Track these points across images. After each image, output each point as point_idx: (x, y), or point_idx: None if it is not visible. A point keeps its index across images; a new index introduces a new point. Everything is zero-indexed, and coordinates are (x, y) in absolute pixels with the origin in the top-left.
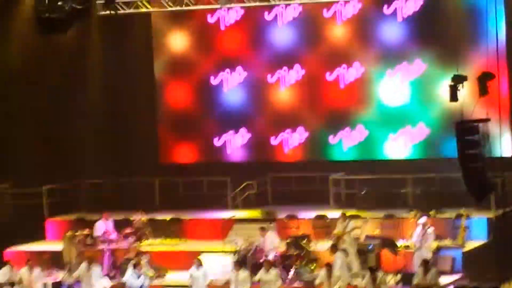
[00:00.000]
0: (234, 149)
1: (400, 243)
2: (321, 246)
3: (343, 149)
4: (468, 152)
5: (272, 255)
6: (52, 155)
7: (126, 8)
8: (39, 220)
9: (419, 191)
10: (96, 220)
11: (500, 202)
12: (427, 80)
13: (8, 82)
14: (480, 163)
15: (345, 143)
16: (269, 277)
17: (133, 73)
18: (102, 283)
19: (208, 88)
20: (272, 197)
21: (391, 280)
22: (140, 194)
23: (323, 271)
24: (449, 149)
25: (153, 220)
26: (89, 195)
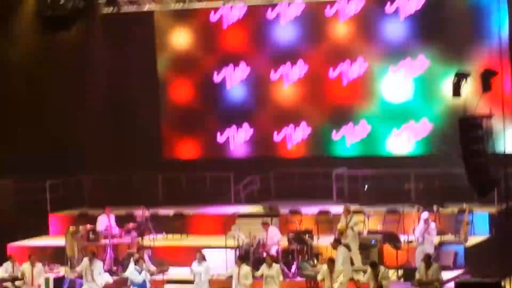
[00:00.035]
0: (237, 144)
1: (402, 238)
2: (323, 241)
3: (346, 145)
4: (471, 148)
5: (274, 250)
6: (55, 151)
7: (128, 6)
8: (41, 215)
9: (421, 186)
10: (98, 215)
11: (502, 198)
12: (431, 76)
13: (11, 79)
14: (483, 159)
15: (348, 138)
16: (271, 272)
17: (136, 70)
18: (104, 278)
19: (211, 84)
20: (275, 192)
21: (393, 275)
22: (143, 190)
23: (324, 266)
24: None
25: (156, 216)
26: (91, 190)
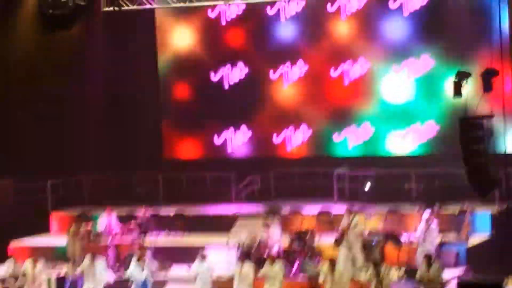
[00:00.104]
0: (238, 144)
1: (403, 238)
2: (324, 241)
3: (348, 147)
4: (472, 148)
5: (275, 250)
6: (56, 150)
7: (129, 5)
8: (43, 215)
9: (422, 186)
10: (99, 214)
11: (503, 198)
12: (433, 76)
13: (12, 78)
14: (484, 159)
15: (351, 141)
16: (273, 271)
17: (136, 69)
18: (106, 277)
19: (212, 84)
20: (275, 192)
21: (394, 274)
22: (144, 189)
23: (325, 266)
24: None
25: (157, 215)
26: (93, 190)
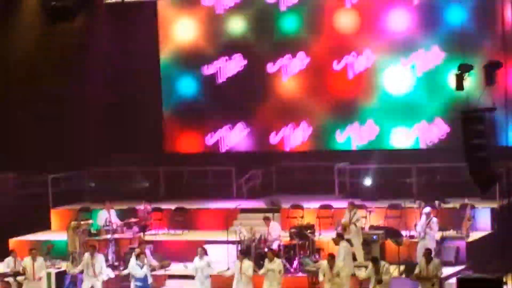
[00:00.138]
0: (239, 138)
1: (404, 233)
2: (325, 236)
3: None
4: (474, 141)
5: (276, 245)
6: (57, 145)
7: None
8: (43, 210)
9: (423, 181)
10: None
11: (504, 192)
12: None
13: (14, 71)
14: (486, 153)
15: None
16: (272, 266)
17: (138, 61)
18: (106, 273)
19: (213, 77)
20: (276, 186)
21: (394, 270)
22: (145, 184)
23: (324, 262)
24: None
25: (157, 210)
26: (93, 185)
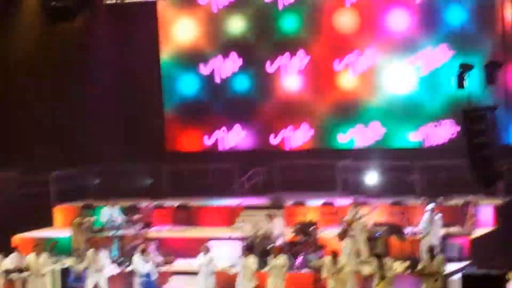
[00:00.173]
0: (241, 136)
1: (407, 230)
2: (328, 233)
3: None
4: (475, 140)
5: (279, 242)
6: (60, 142)
7: None
8: (47, 207)
9: (426, 178)
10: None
11: (507, 189)
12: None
13: (16, 70)
14: (488, 151)
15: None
16: (277, 263)
17: (139, 61)
18: (109, 270)
19: (215, 76)
20: (279, 184)
21: (398, 267)
22: (148, 181)
23: (327, 259)
24: None
25: (161, 207)
26: (96, 182)
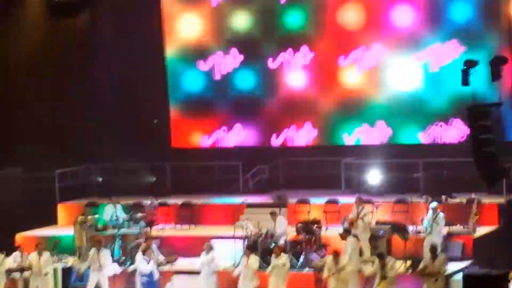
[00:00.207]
0: (245, 133)
1: (410, 228)
2: (331, 231)
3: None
4: (480, 136)
5: (282, 240)
6: (63, 140)
7: None
8: (50, 205)
9: (430, 176)
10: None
11: (511, 188)
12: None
13: (20, 67)
14: (492, 148)
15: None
16: (279, 262)
17: (143, 57)
18: (112, 268)
19: (220, 72)
20: (283, 181)
21: (401, 266)
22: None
23: (329, 258)
24: None
25: (164, 205)
26: (100, 180)
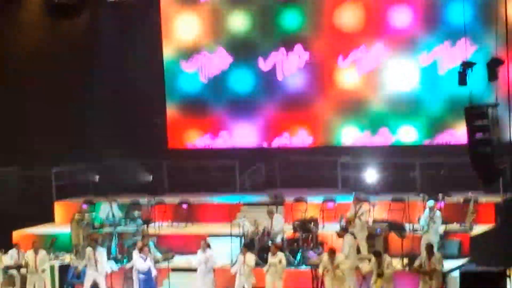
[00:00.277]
0: (242, 133)
1: (407, 227)
2: (328, 230)
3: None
4: (477, 137)
5: (279, 239)
6: (61, 138)
7: None
8: (47, 203)
9: (427, 175)
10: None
11: (508, 186)
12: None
13: (19, 67)
14: (489, 148)
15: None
16: (274, 261)
17: (141, 57)
18: (108, 266)
19: (217, 72)
20: (280, 180)
21: (397, 264)
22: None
23: (325, 256)
24: None
25: (161, 203)
26: (97, 178)
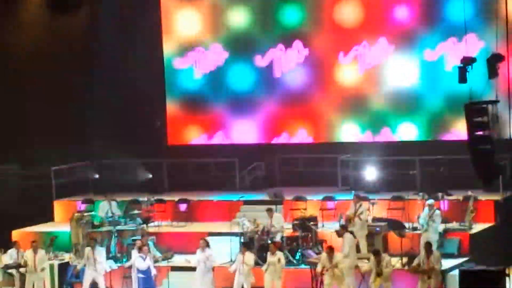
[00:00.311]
0: (242, 130)
1: (407, 225)
2: (328, 228)
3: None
4: (477, 134)
5: (279, 237)
6: (60, 137)
7: None
8: (47, 202)
9: (426, 173)
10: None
11: (508, 185)
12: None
13: (19, 64)
14: (489, 145)
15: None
16: (273, 259)
17: (141, 53)
18: (108, 265)
19: (217, 69)
20: (280, 178)
21: (397, 263)
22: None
23: (324, 254)
24: None
25: (161, 202)
26: (96, 177)
